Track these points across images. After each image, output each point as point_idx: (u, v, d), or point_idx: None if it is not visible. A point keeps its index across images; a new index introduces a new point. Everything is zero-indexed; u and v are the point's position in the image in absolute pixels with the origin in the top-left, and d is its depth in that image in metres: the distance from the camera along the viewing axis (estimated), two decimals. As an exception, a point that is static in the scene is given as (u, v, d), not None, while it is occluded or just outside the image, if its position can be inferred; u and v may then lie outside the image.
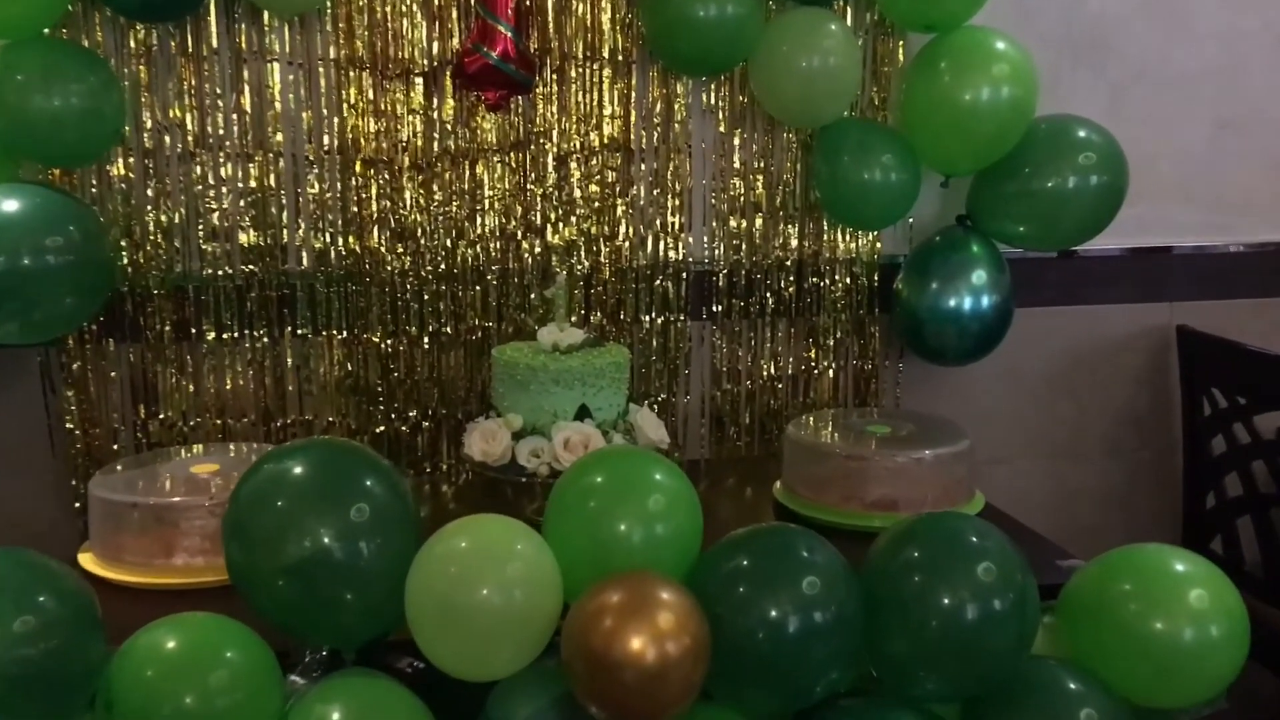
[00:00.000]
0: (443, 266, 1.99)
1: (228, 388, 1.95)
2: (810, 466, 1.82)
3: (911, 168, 2.01)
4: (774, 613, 1.26)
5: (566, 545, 1.32)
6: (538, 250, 2.03)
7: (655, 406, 2.13)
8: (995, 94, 1.90)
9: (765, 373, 2.18)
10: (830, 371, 2.21)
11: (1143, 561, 1.41)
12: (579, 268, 2.05)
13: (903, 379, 2.25)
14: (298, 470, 1.31)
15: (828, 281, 2.16)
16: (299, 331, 1.96)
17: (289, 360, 1.97)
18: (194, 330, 1.92)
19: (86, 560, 1.56)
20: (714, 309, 2.13)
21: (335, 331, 1.97)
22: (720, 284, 2.12)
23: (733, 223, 2.12)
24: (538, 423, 1.68)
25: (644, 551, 1.32)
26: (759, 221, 2.12)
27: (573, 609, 1.23)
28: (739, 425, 2.20)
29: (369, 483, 1.32)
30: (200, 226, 1.90)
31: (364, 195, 1.94)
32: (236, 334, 1.93)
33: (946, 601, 1.29)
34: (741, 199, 2.11)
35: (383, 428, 2.02)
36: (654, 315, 2.10)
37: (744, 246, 2.12)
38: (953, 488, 1.78)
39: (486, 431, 1.69)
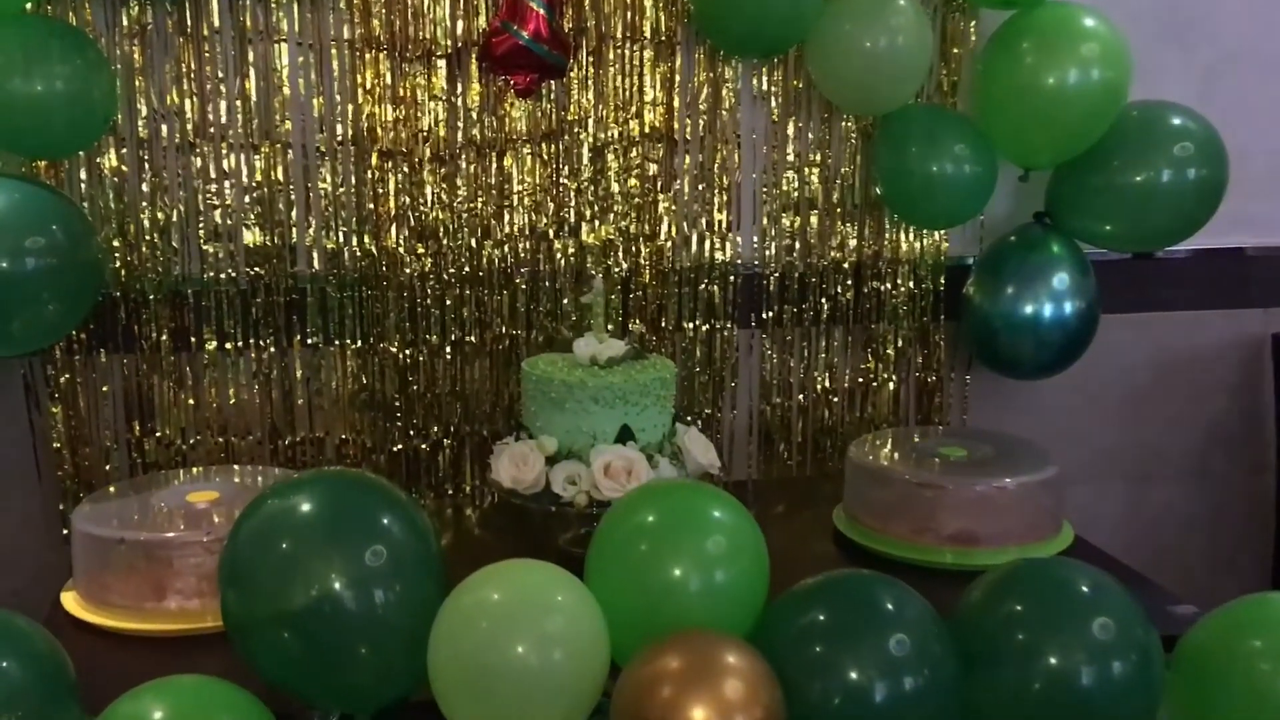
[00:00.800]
0: (467, 269, 1.83)
1: (231, 403, 1.80)
2: (876, 493, 1.65)
3: (986, 160, 1.84)
4: (856, 677, 1.10)
5: (614, 596, 1.17)
6: (571, 251, 1.86)
7: (699, 422, 1.96)
8: (1084, 77, 1.73)
9: (819, 385, 2.02)
10: (891, 384, 2.04)
11: (1275, 614, 1.24)
12: (616, 270, 1.88)
13: (969, 393, 2.08)
14: (305, 507, 1.16)
15: (889, 286, 1.99)
16: (309, 341, 1.80)
17: (298, 372, 1.81)
18: (194, 339, 1.77)
19: (69, 600, 1.41)
20: (764, 315, 1.97)
21: (349, 340, 1.81)
22: (771, 288, 1.96)
23: (785, 221, 1.95)
24: (574, 445, 1.52)
25: (703, 602, 1.17)
26: (814, 219, 1.96)
27: (625, 675, 1.07)
28: (790, 443, 2.03)
29: (386, 521, 1.17)
30: (200, 225, 1.75)
31: (381, 190, 1.78)
32: (240, 343, 1.78)
33: (1056, 663, 1.13)
34: (795, 194, 1.94)
35: (400, 446, 1.86)
36: (698, 322, 1.93)
37: (797, 247, 1.96)
38: (1039, 519, 1.61)
39: (517, 455, 1.53)
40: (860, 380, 2.03)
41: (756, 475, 2.03)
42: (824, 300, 1.98)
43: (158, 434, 1.78)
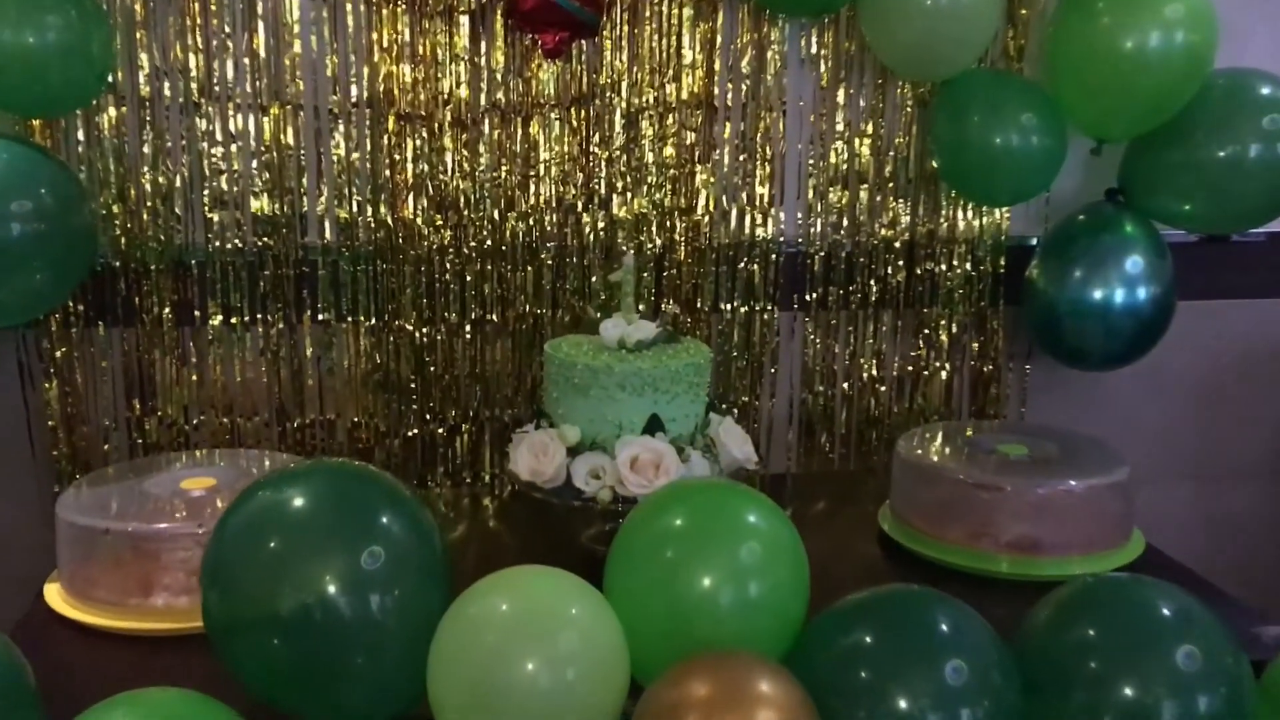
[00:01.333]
0: (489, 242, 1.72)
1: (237, 381, 1.71)
2: (927, 492, 1.53)
3: (1055, 131, 1.70)
4: (906, 707, 0.99)
5: (635, 608, 1.06)
6: (601, 225, 1.75)
7: (734, 412, 1.84)
8: (1166, 41, 1.59)
9: (866, 373, 1.89)
10: (943, 374, 1.91)
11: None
12: (649, 247, 1.77)
13: (1028, 384, 1.94)
14: (297, 502, 1.07)
15: (943, 267, 1.86)
16: (320, 317, 1.71)
17: (308, 350, 1.72)
18: (197, 313, 1.68)
19: (52, 594, 1.33)
20: (807, 297, 1.84)
21: (362, 318, 1.72)
22: (816, 268, 1.83)
23: (833, 195, 1.82)
24: (599, 435, 1.41)
25: (735, 618, 1.06)
26: (864, 194, 1.83)
27: (646, 700, 0.96)
28: (833, 435, 1.91)
29: (386, 519, 1.07)
30: (205, 191, 1.65)
31: (397, 157, 1.68)
32: (247, 318, 1.68)
33: (1133, 696, 1.01)
34: (844, 167, 1.82)
35: (415, 430, 1.77)
36: (736, 304, 1.82)
37: (845, 224, 1.83)
38: (1108, 526, 1.48)
39: (537, 445, 1.42)
40: (910, 369, 1.91)
41: (796, 469, 1.92)
42: (873, 282, 1.85)
43: (159, 413, 1.69)
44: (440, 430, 1.78)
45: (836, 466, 1.93)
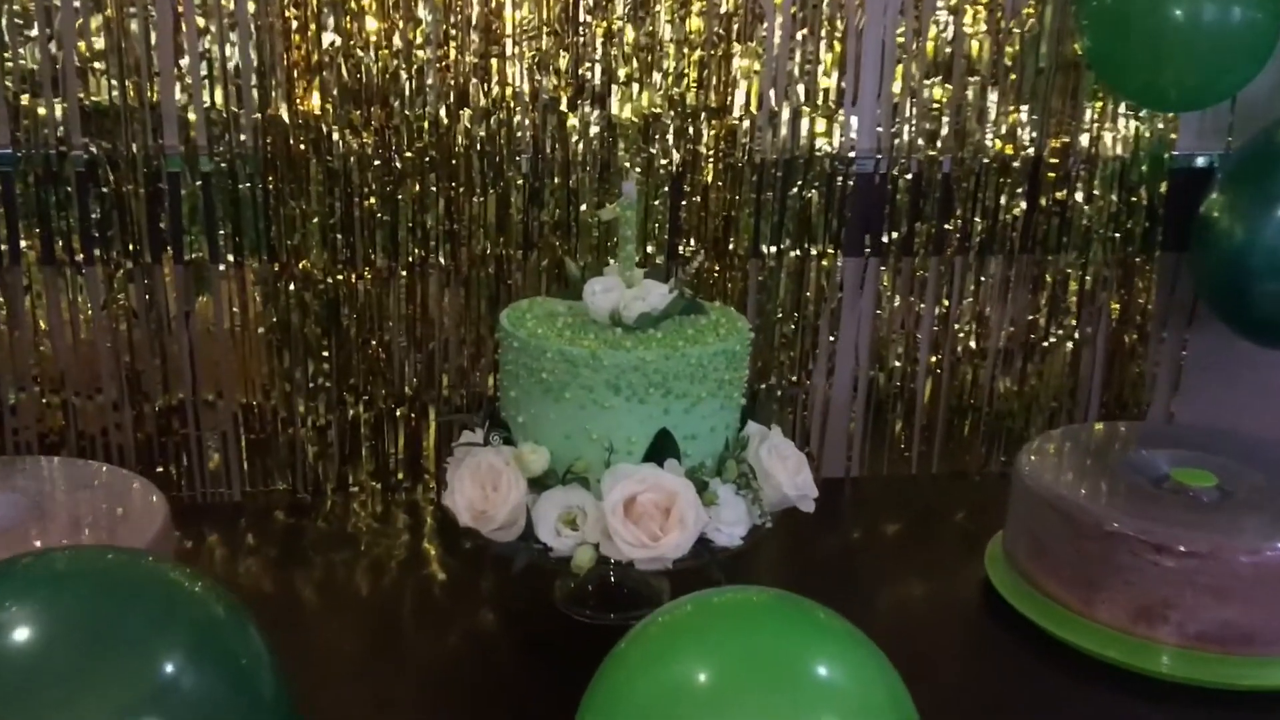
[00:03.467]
0: (431, 153, 1.24)
1: (68, 343, 1.24)
2: (1066, 543, 1.07)
3: (1267, 6, 1.19)
4: None
5: None
6: (595, 130, 1.26)
7: (778, 391, 1.38)
8: None
9: (961, 343, 1.42)
10: (1068, 345, 1.43)
11: None
12: (663, 163, 1.28)
13: (1184, 362, 1.47)
14: (15, 637, 0.61)
15: (1080, 197, 1.38)
16: (187, 255, 1.24)
17: (170, 302, 1.25)
18: (3, 247, 1.21)
19: None
20: (884, 237, 1.36)
21: (249, 256, 1.24)
22: (899, 196, 1.35)
23: (928, 91, 1.33)
24: (578, 461, 0.95)
25: None
26: (970, 91, 1.33)
27: None
28: (912, 428, 1.45)
29: (171, 664, 0.62)
30: (7, 67, 1.16)
31: (294, 19, 1.19)
32: (80, 256, 1.22)
33: None
34: (947, 51, 1.32)
35: (330, 415, 1.31)
36: (784, 245, 1.34)
37: (944, 133, 1.34)
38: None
39: (484, 471, 0.97)
40: (1024, 338, 1.43)
41: (859, 471, 1.46)
42: (978, 216, 1.37)
43: (-47, 391, 1.24)
44: (366, 415, 1.32)
45: (915, 470, 1.47)
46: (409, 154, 1.23)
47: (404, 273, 1.28)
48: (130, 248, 1.22)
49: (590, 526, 0.94)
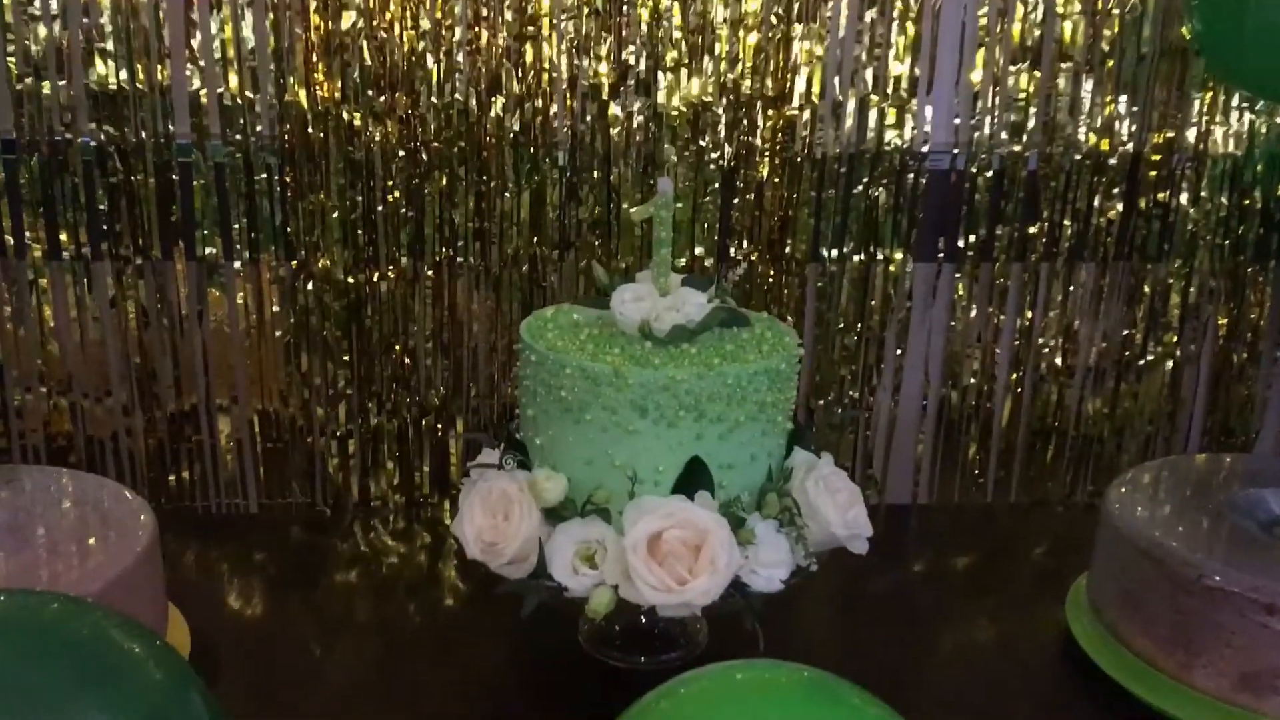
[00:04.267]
0: (460, 144, 1.16)
1: (75, 340, 1.19)
2: (1159, 597, 0.94)
3: None
4: None
5: None
6: (638, 119, 1.17)
7: (839, 410, 1.28)
8: None
9: (1045, 360, 1.30)
10: (1168, 363, 1.30)
11: None
12: (713, 156, 1.18)
13: (1300, 383, 1.33)
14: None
15: (1184, 198, 1.24)
16: (203, 251, 1.17)
17: (182, 300, 1.19)
18: (8, 239, 1.15)
19: None
20: (960, 241, 1.25)
21: (265, 255, 1.17)
22: (979, 195, 1.23)
23: (1013, 79, 1.21)
24: (598, 488, 0.86)
25: None
26: (1061, 79, 1.21)
27: None
28: (987, 451, 1.33)
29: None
30: (9, 49, 1.11)
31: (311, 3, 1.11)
32: (89, 249, 1.16)
33: None
34: (1035, 35, 1.19)
35: (350, 425, 1.24)
36: (847, 249, 1.23)
37: (1030, 125, 1.22)
38: None
39: (495, 498, 0.88)
40: (1117, 355, 1.30)
41: (927, 498, 1.34)
42: (1067, 219, 1.24)
43: (-43, 391, 1.19)
44: (389, 426, 1.25)
45: (989, 499, 1.35)
46: (436, 144, 1.15)
47: (430, 273, 1.20)
48: (140, 242, 1.16)
49: (610, 565, 0.85)
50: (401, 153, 1.15)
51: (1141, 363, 1.30)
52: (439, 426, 1.26)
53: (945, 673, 0.99)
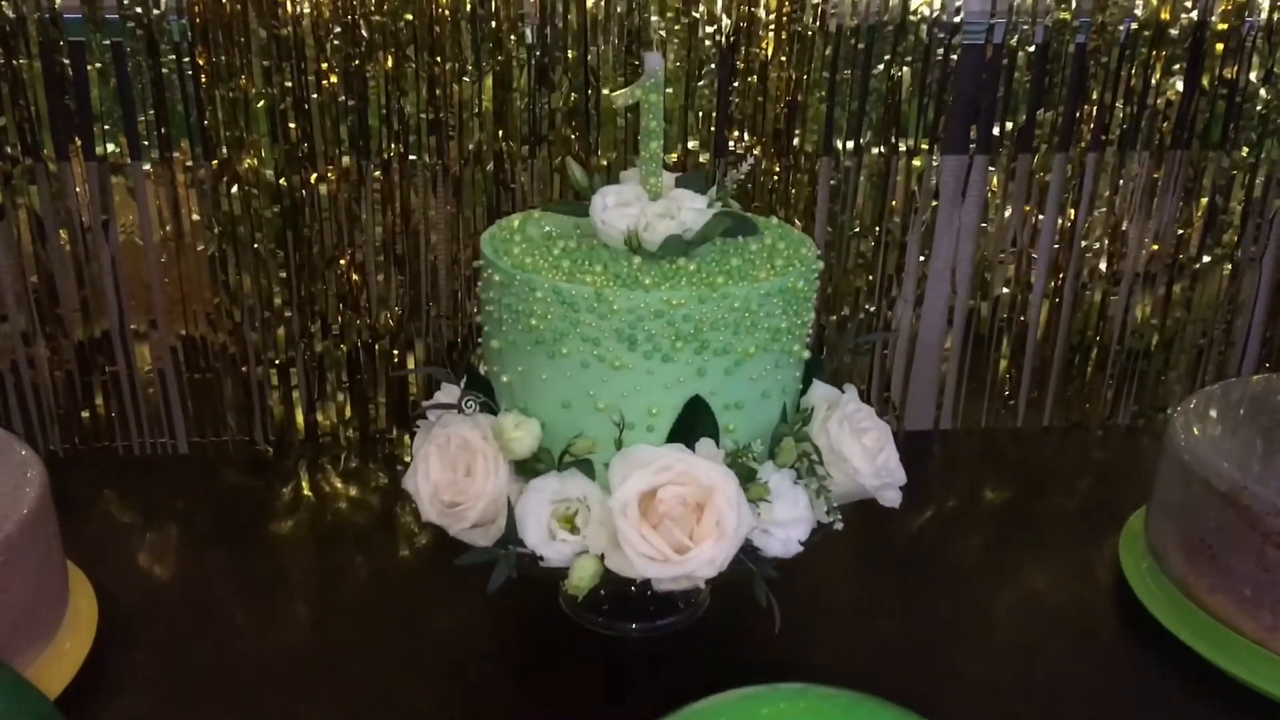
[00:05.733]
0: (409, 17, 0.98)
1: (-37, 262, 1.03)
2: (1241, 553, 0.82)
3: None
4: None
5: None
6: (619, -16, 1.00)
7: (852, 328, 1.13)
8: None
9: (1088, 265, 1.15)
10: (1226, 267, 1.16)
11: None
12: (708, 30, 1.01)
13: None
14: None
15: (1254, 76, 1.08)
16: (104, 149, 1.00)
17: (82, 208, 1.02)
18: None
19: None
20: (996, 129, 1.09)
21: (179, 149, 1.01)
22: (1017, 73, 1.07)
23: (1061, -67, 1.04)
24: (578, 435, 0.72)
25: None
26: (1118, -67, 1.05)
27: None
28: (1019, 369, 1.20)
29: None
30: None
31: None
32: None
33: None
34: (1089, -123, 1.03)
35: (292, 353, 1.09)
36: (865, 140, 1.07)
37: (1079, -11, 1.06)
38: None
39: (454, 449, 0.74)
40: (1170, 258, 1.16)
41: (952, 423, 1.21)
42: (1119, 101, 1.09)
43: None
44: (337, 350, 1.10)
45: (1021, 424, 1.22)
46: (378, 17, 0.98)
47: (378, 173, 1.04)
48: (28, 139, 0.99)
49: (594, 530, 0.71)
50: (337, 28, 0.98)
51: (1197, 266, 1.16)
52: (395, 352, 1.11)
53: (981, 637, 0.87)
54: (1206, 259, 1.16)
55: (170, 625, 0.85)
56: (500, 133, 1.03)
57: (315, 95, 1.00)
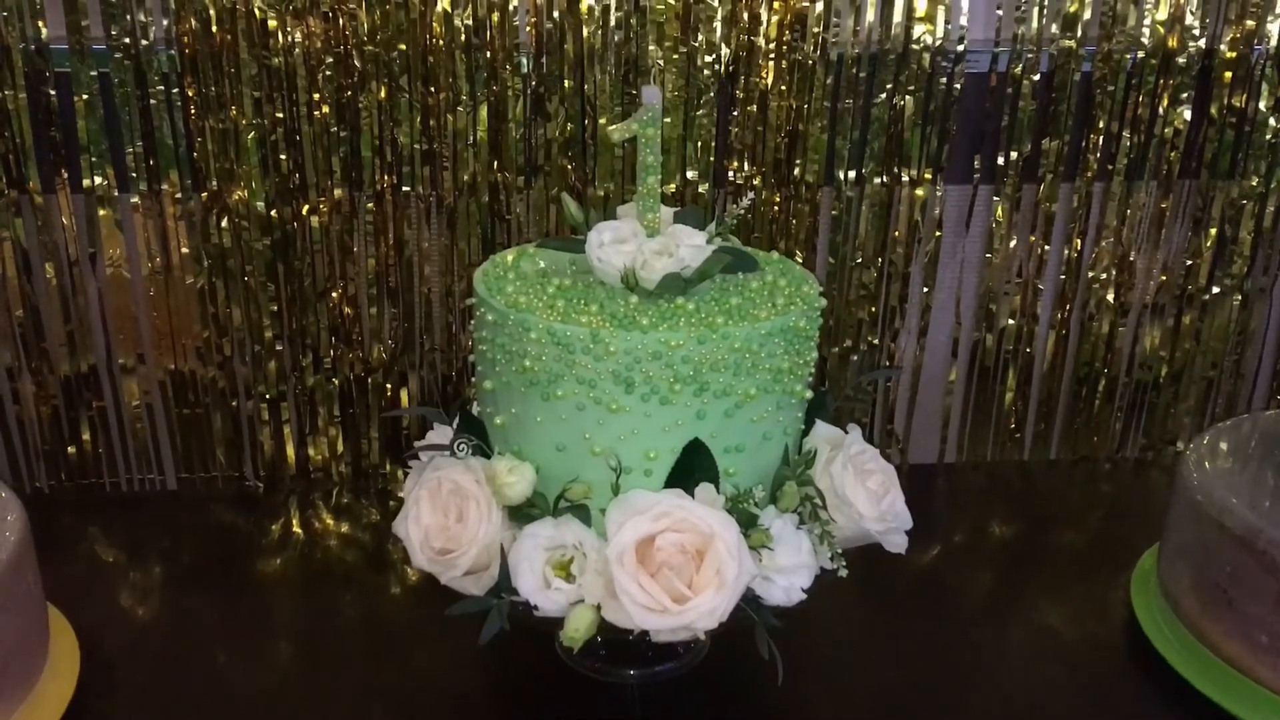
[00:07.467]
0: (403, 46, 0.97)
1: (-54, 296, 1.01)
2: (1261, 600, 0.80)
3: None
4: None
5: None
6: (615, 15, 0.98)
7: (855, 360, 1.12)
8: None
9: (1094, 295, 1.14)
10: (1236, 299, 1.15)
11: None
12: (707, 59, 1.00)
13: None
14: None
15: (1263, 104, 1.07)
16: (91, 181, 0.99)
17: (69, 241, 1.01)
18: None
19: None
20: (1000, 158, 1.08)
21: (167, 180, 0.99)
22: (1022, 102, 1.06)
23: (1067, -40, 1.03)
24: (574, 480, 0.70)
25: None
26: (1125, -41, 1.03)
27: None
28: (1025, 400, 1.18)
29: None
30: None
31: None
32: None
33: None
34: (1094, -97, 1.02)
35: (283, 388, 1.07)
36: (868, 169, 1.05)
37: (1085, 17, 1.04)
38: None
39: (446, 495, 0.72)
40: (1179, 289, 1.14)
41: (956, 456, 1.20)
42: (1126, 130, 1.07)
43: None
44: (329, 384, 1.08)
45: (1027, 457, 1.20)
46: (371, 47, 0.96)
47: (370, 205, 1.02)
48: (13, 172, 0.97)
49: (590, 579, 0.69)
50: (329, 59, 0.96)
51: (1206, 297, 1.14)
52: (388, 386, 1.09)
53: (989, 674, 0.85)
54: (1216, 290, 1.14)
55: (154, 669, 0.83)
56: (495, 163, 1.01)
57: (307, 126, 0.98)
